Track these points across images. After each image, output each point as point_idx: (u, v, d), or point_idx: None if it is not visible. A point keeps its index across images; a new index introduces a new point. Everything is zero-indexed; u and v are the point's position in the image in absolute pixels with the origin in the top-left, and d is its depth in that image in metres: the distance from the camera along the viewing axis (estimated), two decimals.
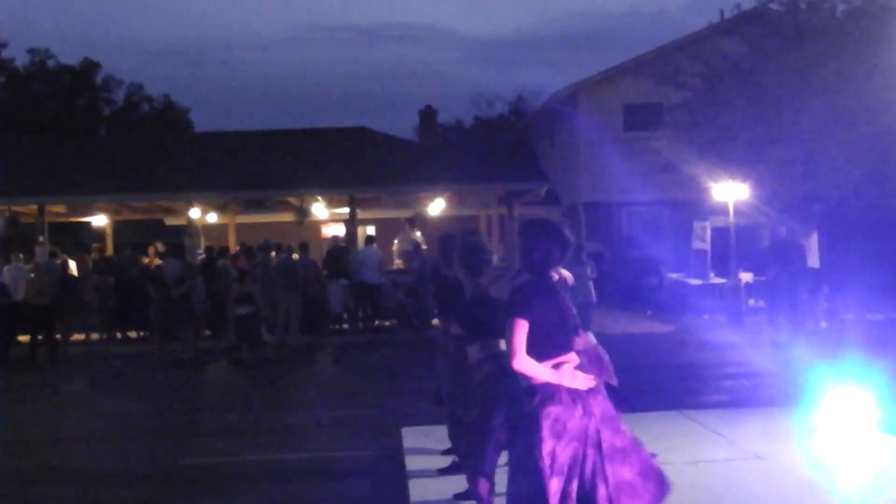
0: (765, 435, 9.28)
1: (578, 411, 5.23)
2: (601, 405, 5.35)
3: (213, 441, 11.59)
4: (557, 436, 5.16)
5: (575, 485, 5.16)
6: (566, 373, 5.28)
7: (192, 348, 19.93)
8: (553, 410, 5.21)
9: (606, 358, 7.98)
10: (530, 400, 5.28)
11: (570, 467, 5.16)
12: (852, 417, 9.20)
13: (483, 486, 6.68)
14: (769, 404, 11.17)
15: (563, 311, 5.44)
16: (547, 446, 5.14)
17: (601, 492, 5.16)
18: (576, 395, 5.27)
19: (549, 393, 5.25)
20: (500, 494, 6.52)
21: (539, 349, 5.26)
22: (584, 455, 5.18)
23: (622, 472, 5.23)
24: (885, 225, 23.32)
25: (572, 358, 5.38)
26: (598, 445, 5.20)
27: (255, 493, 8.90)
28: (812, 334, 13.90)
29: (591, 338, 8.03)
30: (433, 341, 9.23)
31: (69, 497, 9.06)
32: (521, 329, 5.24)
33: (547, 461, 5.12)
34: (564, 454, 5.16)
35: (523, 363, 5.25)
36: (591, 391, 5.33)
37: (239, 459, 10.45)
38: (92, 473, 10.05)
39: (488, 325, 6.67)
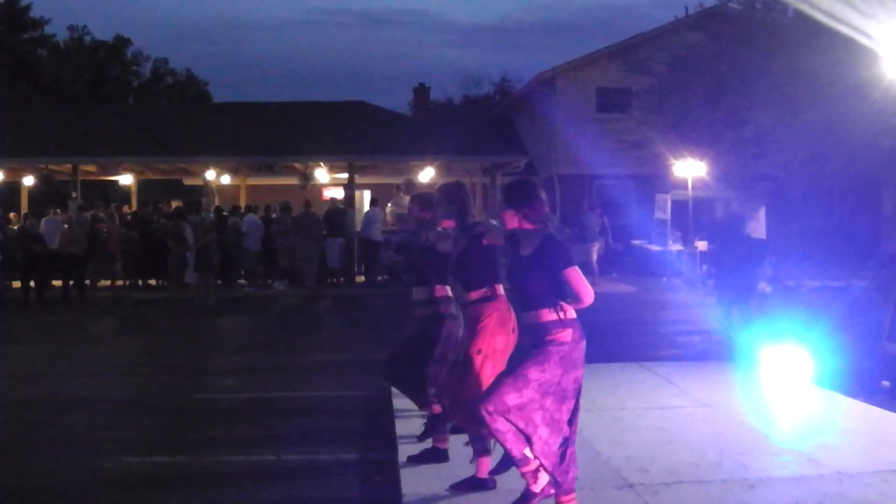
0: (712, 385, 9.27)
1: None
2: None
3: (222, 379, 11.56)
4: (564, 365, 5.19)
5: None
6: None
7: (213, 295, 19.86)
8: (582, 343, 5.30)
9: None
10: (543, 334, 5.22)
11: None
12: (789, 371, 9.21)
13: (436, 409, 6.76)
14: (717, 358, 11.19)
15: None
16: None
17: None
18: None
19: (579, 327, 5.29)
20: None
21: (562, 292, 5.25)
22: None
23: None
24: (824, 201, 23.35)
25: None
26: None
27: (257, 427, 8.84)
28: (757, 298, 13.91)
29: None
30: None
31: (91, 423, 9.00)
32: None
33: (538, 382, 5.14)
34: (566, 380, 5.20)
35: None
36: None
37: (243, 396, 10.41)
38: (113, 402, 10.02)
39: (428, 274, 6.88)
